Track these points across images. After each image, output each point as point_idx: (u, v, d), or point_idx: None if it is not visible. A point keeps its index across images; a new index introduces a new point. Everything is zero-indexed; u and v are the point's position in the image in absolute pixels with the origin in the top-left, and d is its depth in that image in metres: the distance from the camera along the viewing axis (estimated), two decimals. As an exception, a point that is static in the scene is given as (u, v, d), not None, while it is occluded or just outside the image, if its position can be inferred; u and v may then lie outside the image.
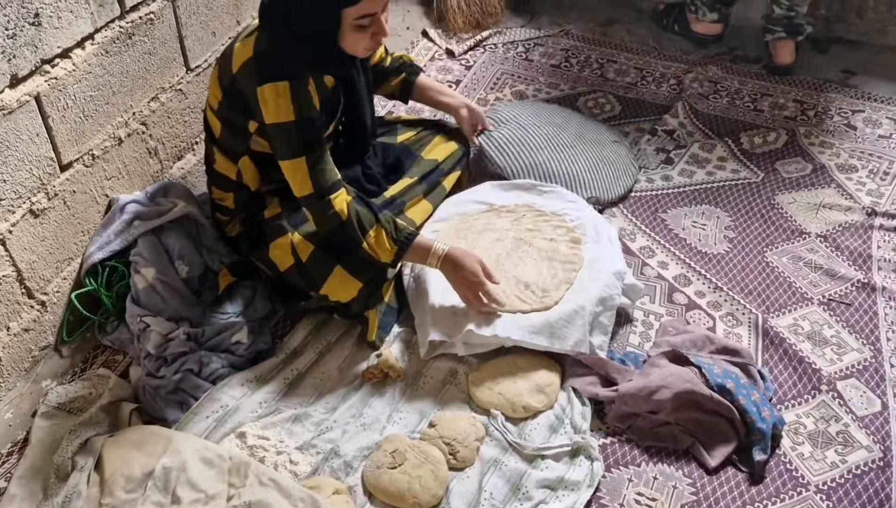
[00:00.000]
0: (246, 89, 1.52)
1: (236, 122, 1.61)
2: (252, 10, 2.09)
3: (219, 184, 1.75)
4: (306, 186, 1.55)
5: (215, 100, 1.61)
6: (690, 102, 2.48)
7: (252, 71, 1.50)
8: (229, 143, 1.67)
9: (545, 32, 2.82)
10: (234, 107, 1.59)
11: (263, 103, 1.49)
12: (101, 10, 1.61)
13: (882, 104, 2.45)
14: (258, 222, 1.73)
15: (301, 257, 1.65)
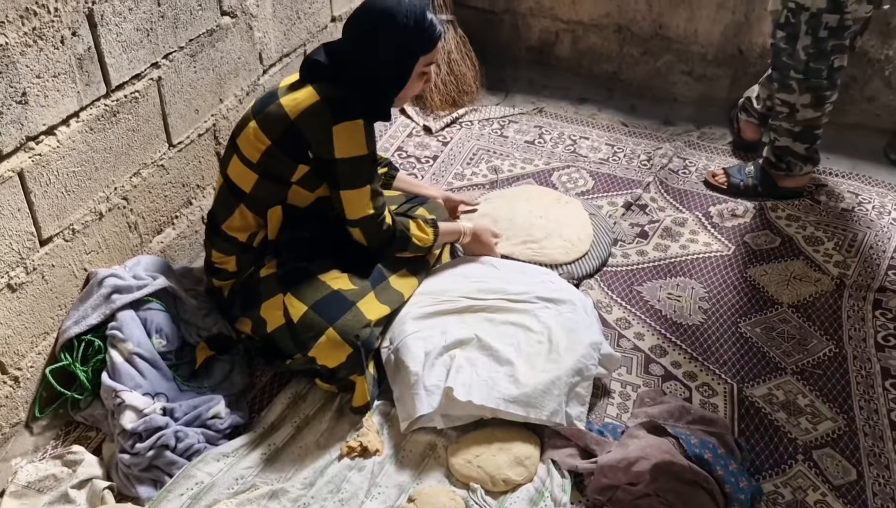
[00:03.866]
0: (311, 131, 1.64)
1: (282, 170, 1.70)
2: (235, 89, 2.15)
3: (223, 248, 1.78)
4: (367, 209, 1.73)
5: (256, 154, 1.68)
6: (661, 177, 2.56)
7: (322, 113, 1.63)
8: (263, 194, 1.72)
9: (519, 110, 2.92)
10: (286, 153, 1.67)
11: (338, 140, 1.64)
12: (88, 89, 1.65)
13: (843, 179, 2.55)
14: (253, 281, 1.75)
15: (292, 317, 1.67)
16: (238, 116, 2.19)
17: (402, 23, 1.63)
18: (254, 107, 1.73)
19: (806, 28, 2.13)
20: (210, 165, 2.15)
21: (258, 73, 2.26)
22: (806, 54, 2.17)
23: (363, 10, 1.69)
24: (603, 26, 2.95)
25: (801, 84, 2.23)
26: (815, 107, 2.26)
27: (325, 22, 2.55)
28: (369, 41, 1.66)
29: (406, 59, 1.69)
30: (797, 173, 2.41)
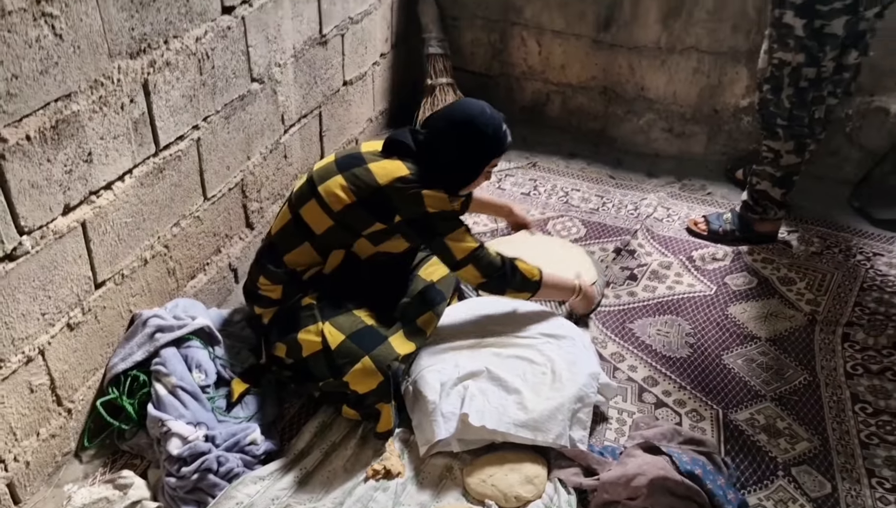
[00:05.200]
0: (401, 197, 1.88)
1: (358, 223, 1.92)
2: (260, 147, 2.36)
3: (274, 276, 1.97)
4: (471, 243, 1.97)
5: (339, 205, 1.89)
6: (647, 224, 2.79)
7: (412, 182, 1.89)
8: (332, 238, 1.94)
9: (515, 164, 3.16)
10: (368, 211, 1.89)
11: (427, 200, 1.89)
12: (141, 149, 1.86)
13: (812, 225, 2.79)
14: (294, 309, 1.94)
15: (330, 344, 1.85)
16: (262, 171, 2.41)
17: (483, 130, 1.93)
18: (338, 162, 1.95)
19: (788, 80, 2.39)
20: (237, 215, 2.35)
21: (280, 132, 2.48)
22: (790, 103, 2.42)
23: (453, 110, 1.98)
24: (590, 88, 3.21)
25: (786, 131, 2.48)
26: (797, 153, 2.51)
27: (338, 86, 2.79)
28: (453, 139, 1.94)
29: (480, 160, 1.97)
30: (771, 217, 2.65)
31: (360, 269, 1.99)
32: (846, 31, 2.28)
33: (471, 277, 2.00)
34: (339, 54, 2.75)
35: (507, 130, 1.98)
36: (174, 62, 1.90)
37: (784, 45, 2.35)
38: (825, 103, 2.44)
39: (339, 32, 2.70)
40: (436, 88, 3.19)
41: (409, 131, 2.00)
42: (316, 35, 2.56)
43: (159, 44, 1.84)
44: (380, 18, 3.01)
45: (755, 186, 2.64)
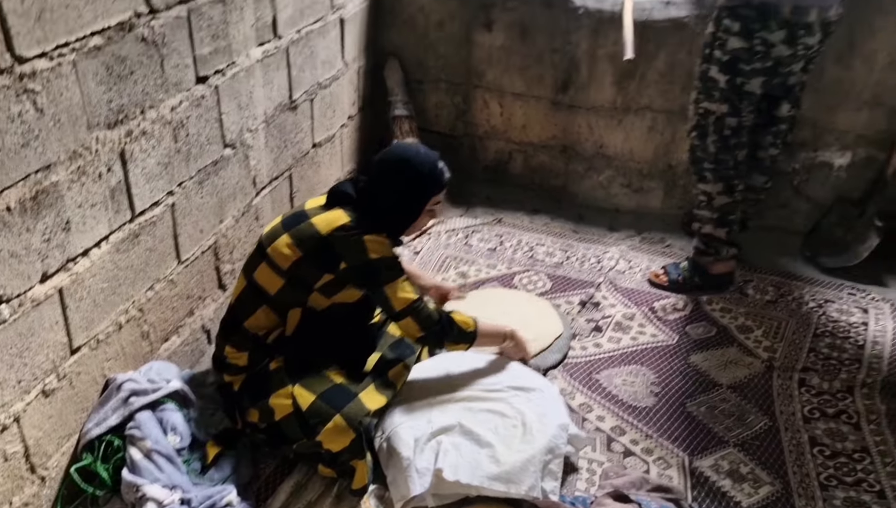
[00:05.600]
0: (344, 245, 1.93)
1: (308, 278, 1.95)
2: (232, 211, 2.42)
3: (238, 343, 2.00)
4: (410, 295, 1.98)
5: (287, 263, 1.94)
6: (610, 277, 2.88)
7: (353, 228, 1.94)
8: (287, 297, 1.97)
9: (481, 221, 3.25)
10: (315, 265, 1.94)
11: (369, 245, 1.93)
12: (117, 216, 1.90)
13: (767, 275, 2.92)
14: (263, 374, 1.97)
15: (301, 406, 1.88)
16: (235, 233, 2.46)
17: (418, 169, 1.99)
18: (283, 223, 2.01)
19: (713, 128, 2.58)
20: (210, 278, 2.39)
21: (252, 195, 2.54)
22: (715, 148, 2.60)
23: (388, 153, 2.05)
24: (551, 147, 3.34)
25: (714, 174, 2.64)
26: (727, 194, 2.66)
27: (307, 148, 2.87)
28: (390, 181, 2.00)
29: (419, 199, 2.04)
30: (724, 257, 2.77)
31: (321, 325, 2.03)
32: (764, 89, 2.49)
33: (411, 330, 2.03)
34: (309, 118, 2.84)
35: (443, 168, 2.04)
36: (150, 131, 1.96)
37: (709, 97, 2.54)
38: (746, 148, 2.62)
39: (308, 98, 2.79)
40: (402, 149, 3.28)
41: (349, 181, 2.07)
42: (286, 101, 2.64)
43: (136, 114, 1.90)
44: (347, 83, 3.12)
45: (700, 231, 2.77)
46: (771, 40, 2.38)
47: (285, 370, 1.97)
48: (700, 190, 2.72)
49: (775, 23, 2.36)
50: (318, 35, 2.78)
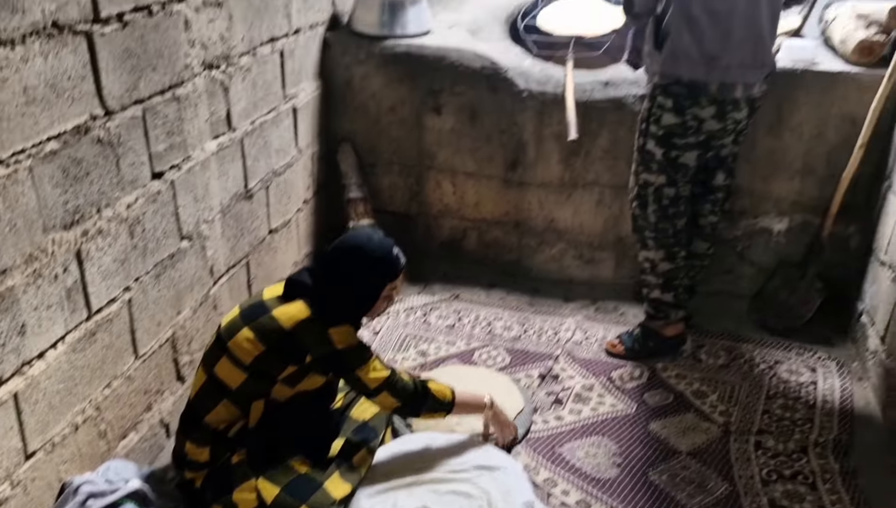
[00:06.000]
0: (310, 338, 1.96)
1: (271, 370, 1.95)
2: (190, 302, 2.42)
3: (199, 439, 1.97)
4: (382, 373, 2.03)
5: (249, 357, 1.94)
6: (568, 349, 2.94)
7: (316, 322, 1.96)
8: (249, 390, 1.96)
9: (439, 298, 3.30)
10: (278, 357, 1.94)
11: (335, 336, 1.96)
12: (73, 315, 1.90)
13: (718, 339, 3.00)
14: (225, 469, 1.94)
15: (266, 499, 1.85)
16: (193, 324, 2.46)
17: (372, 256, 2.04)
18: (242, 315, 2.01)
19: (652, 198, 2.71)
20: (168, 370, 2.37)
21: (209, 285, 2.55)
22: (655, 217, 2.72)
23: (342, 242, 2.09)
24: (503, 223, 3.43)
25: (655, 241, 2.75)
26: (669, 260, 2.77)
27: (264, 235, 2.90)
28: (345, 270, 2.03)
29: (375, 285, 2.07)
30: (673, 320, 2.86)
31: (284, 414, 2.02)
32: (698, 162, 2.64)
33: (387, 403, 2.07)
34: (265, 205, 2.88)
35: (398, 253, 2.10)
36: (106, 229, 1.98)
37: (648, 169, 2.67)
38: (685, 217, 2.74)
39: (263, 185, 2.84)
40: (358, 230, 3.33)
41: (306, 270, 2.10)
42: (242, 190, 2.69)
43: (92, 213, 1.92)
44: (301, 169, 3.18)
45: (648, 296, 2.87)
46: (701, 116, 2.53)
47: (248, 462, 1.95)
48: (644, 257, 2.82)
49: (705, 99, 2.51)
50: (271, 125, 2.85)
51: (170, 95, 2.19)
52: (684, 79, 2.51)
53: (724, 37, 2.45)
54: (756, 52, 2.52)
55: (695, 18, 2.45)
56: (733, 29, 2.45)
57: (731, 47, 2.46)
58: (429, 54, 3.21)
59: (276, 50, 2.81)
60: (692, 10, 2.45)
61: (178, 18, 2.18)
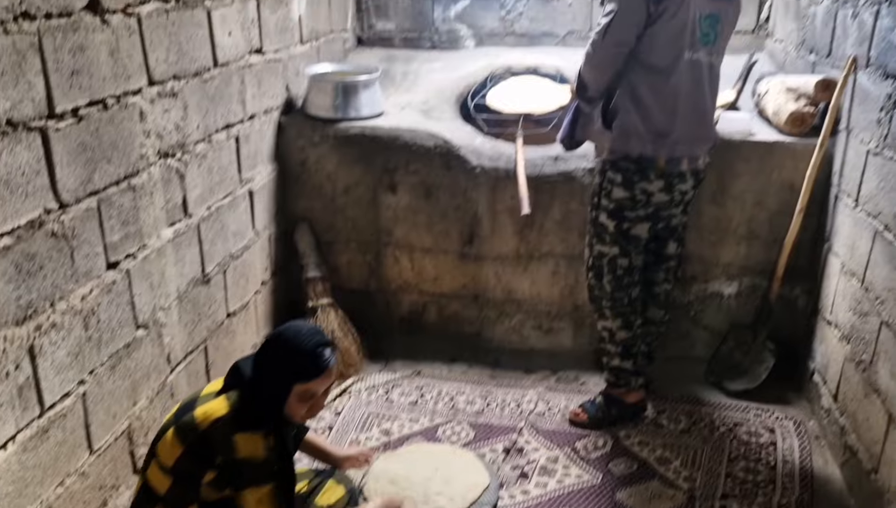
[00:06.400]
0: (216, 439, 1.81)
1: (195, 472, 1.83)
2: (146, 391, 2.38)
3: None
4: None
5: (171, 459, 1.83)
6: (531, 420, 2.94)
7: (228, 423, 1.82)
8: (177, 496, 1.85)
9: (400, 374, 3.29)
10: (195, 458, 1.82)
11: (239, 444, 1.80)
12: (25, 413, 1.85)
13: (678, 404, 3.04)
14: None
15: None
16: (150, 414, 2.41)
17: (288, 351, 1.89)
18: (176, 413, 1.92)
19: (607, 269, 2.77)
20: (124, 464, 2.30)
21: (166, 373, 2.51)
22: (610, 287, 2.78)
23: (271, 334, 1.98)
24: (462, 296, 3.46)
25: (612, 311, 2.81)
26: (626, 329, 2.82)
27: (222, 319, 2.88)
28: (262, 362, 1.91)
29: (283, 383, 1.88)
30: (634, 387, 2.90)
31: None
32: (650, 233, 2.73)
33: None
34: (222, 289, 2.87)
35: (322, 353, 1.89)
36: (60, 323, 1.95)
37: (601, 240, 2.75)
38: (639, 286, 2.82)
39: (221, 269, 2.84)
40: (317, 310, 3.33)
41: (252, 357, 1.97)
42: (199, 275, 2.68)
43: (45, 308, 1.90)
44: (259, 250, 3.19)
45: (609, 365, 2.91)
46: (650, 190, 2.63)
47: None
48: (602, 326, 2.87)
49: (653, 174, 2.61)
50: (228, 209, 2.87)
51: (125, 186, 2.20)
52: (633, 155, 2.61)
53: (671, 114, 2.57)
54: (700, 127, 2.65)
55: (642, 97, 2.56)
56: (679, 106, 2.57)
57: (677, 123, 2.58)
58: (383, 135, 3.29)
59: (232, 136, 2.85)
60: (639, 90, 2.56)
61: (133, 110, 2.21)
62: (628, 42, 2.50)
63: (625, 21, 2.47)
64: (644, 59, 2.52)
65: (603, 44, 2.51)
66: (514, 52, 4.04)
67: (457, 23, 4.27)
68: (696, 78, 2.58)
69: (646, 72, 2.54)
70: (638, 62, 2.53)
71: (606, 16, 2.50)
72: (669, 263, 2.90)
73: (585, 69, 2.62)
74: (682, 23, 2.48)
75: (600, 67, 2.58)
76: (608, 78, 2.59)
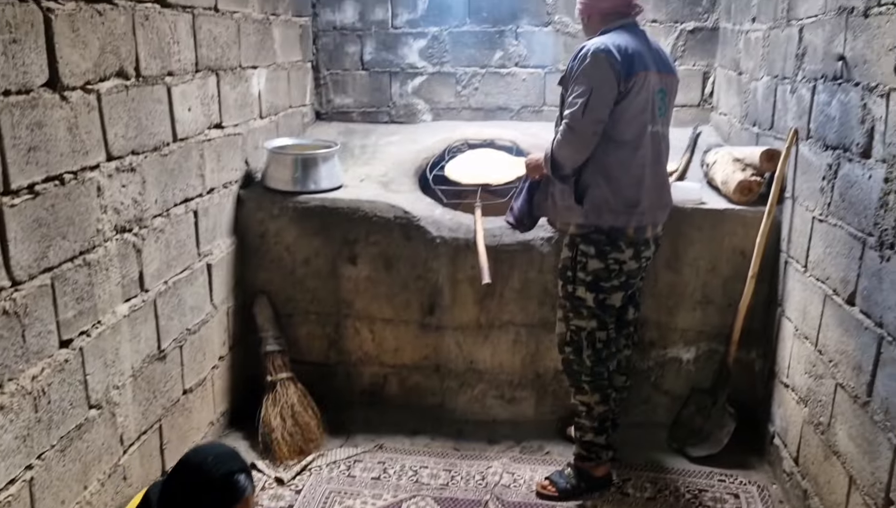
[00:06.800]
0: None
1: None
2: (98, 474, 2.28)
3: None
4: None
5: None
6: (496, 493, 2.89)
7: None
8: None
9: (362, 449, 3.22)
10: None
11: None
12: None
13: (641, 471, 3.03)
14: None
15: None
16: (101, 498, 2.31)
17: (198, 485, 1.83)
18: None
19: (586, 343, 2.77)
20: (72, 554, 2.19)
21: (119, 454, 2.41)
22: (590, 361, 2.77)
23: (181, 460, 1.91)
24: (424, 367, 3.43)
25: (591, 385, 2.80)
26: (604, 403, 2.82)
27: (178, 396, 2.80)
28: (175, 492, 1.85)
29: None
30: (604, 461, 2.88)
31: None
32: (623, 302, 2.77)
33: None
34: (179, 365, 2.80)
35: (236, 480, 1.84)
36: (9, 405, 1.88)
37: (578, 314, 2.76)
38: (616, 358, 2.84)
39: (177, 345, 2.78)
40: (276, 384, 3.26)
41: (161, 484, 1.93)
42: (155, 351, 2.62)
43: (-7, 389, 1.83)
44: (216, 324, 3.13)
45: (581, 439, 2.88)
46: (622, 258, 2.67)
47: None
48: (580, 401, 2.86)
49: (623, 243, 2.66)
50: (185, 283, 2.83)
51: (80, 261, 2.16)
52: (604, 227, 2.66)
53: (638, 185, 2.63)
54: (661, 195, 2.73)
55: (611, 171, 2.62)
56: (645, 177, 2.64)
57: (644, 194, 2.64)
58: (343, 207, 3.31)
59: (191, 210, 2.84)
60: (608, 164, 2.62)
61: (90, 186, 2.19)
62: (605, 119, 2.55)
63: (601, 98, 2.52)
64: (612, 134, 2.59)
65: (583, 122, 2.53)
66: (470, 125, 4.14)
67: (414, 97, 4.37)
68: (657, 149, 2.67)
69: (615, 146, 2.61)
70: (605, 137, 2.59)
71: (580, 96, 2.53)
72: (629, 329, 2.93)
73: (564, 149, 2.61)
74: (645, 98, 2.58)
75: (580, 146, 2.58)
76: (586, 155, 2.61)
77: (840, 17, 2.44)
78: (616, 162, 2.61)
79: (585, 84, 2.52)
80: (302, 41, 4.12)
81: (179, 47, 2.68)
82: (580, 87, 2.54)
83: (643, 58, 2.58)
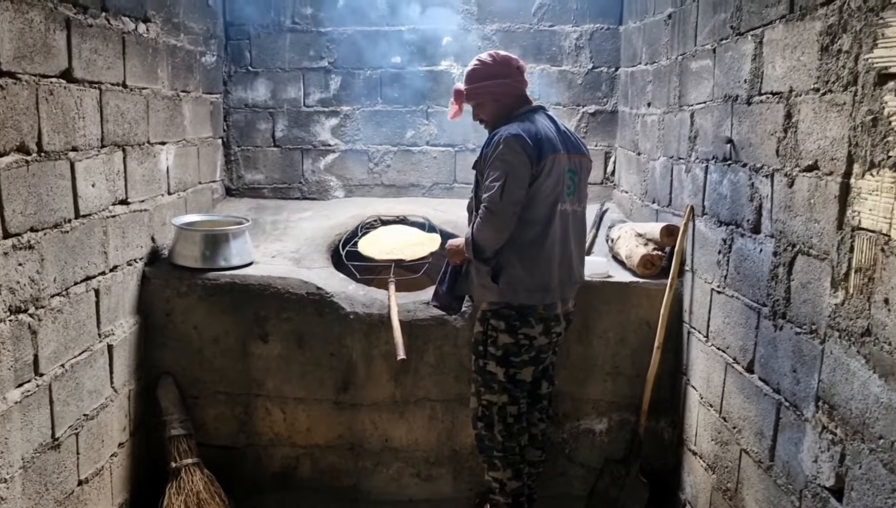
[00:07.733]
0: None
1: None
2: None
3: None
4: None
5: None
6: (413, 577, 2.81)
7: None
8: None
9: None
10: None
11: None
12: None
13: (561, 547, 3.01)
14: None
15: None
16: None
17: None
18: None
19: (497, 417, 2.78)
20: None
21: (4, 555, 2.22)
22: (501, 436, 2.78)
23: None
24: (337, 446, 3.34)
25: (503, 461, 2.80)
26: (516, 478, 2.82)
27: (72, 488, 2.62)
28: None
29: None
30: None
31: None
32: (533, 377, 2.80)
33: None
34: (74, 454, 2.63)
35: None
36: None
37: (490, 389, 2.78)
38: (528, 432, 2.86)
39: (73, 432, 2.61)
40: (181, 470, 3.10)
41: None
42: (48, 440, 2.45)
43: None
44: (117, 409, 2.97)
45: None
46: (532, 334, 2.72)
47: None
48: (493, 477, 2.84)
49: (534, 319, 2.71)
50: (84, 365, 2.68)
51: (-31, 345, 2.03)
52: (514, 303, 2.70)
53: (549, 263, 2.70)
54: (571, 272, 2.81)
55: (525, 251, 2.68)
56: (554, 257, 2.72)
57: (554, 271, 2.72)
58: (254, 283, 3.25)
59: (92, 288, 2.72)
60: (522, 244, 2.68)
61: (-17, 264, 2.08)
62: (522, 200, 2.62)
63: (517, 181, 2.60)
64: (525, 215, 2.66)
65: (502, 204, 2.59)
66: (383, 201, 4.19)
67: (326, 174, 4.40)
68: (565, 227, 2.77)
69: (529, 226, 2.68)
70: (519, 219, 2.65)
71: (496, 180, 2.60)
72: (543, 402, 2.96)
73: (484, 232, 2.65)
74: (556, 179, 2.68)
75: (500, 227, 2.63)
76: (506, 237, 2.66)
77: (726, 104, 2.64)
78: (529, 242, 2.69)
79: (501, 168, 2.60)
80: (213, 118, 4.10)
81: (85, 123, 2.62)
82: (496, 171, 2.61)
83: (552, 141, 2.69)
